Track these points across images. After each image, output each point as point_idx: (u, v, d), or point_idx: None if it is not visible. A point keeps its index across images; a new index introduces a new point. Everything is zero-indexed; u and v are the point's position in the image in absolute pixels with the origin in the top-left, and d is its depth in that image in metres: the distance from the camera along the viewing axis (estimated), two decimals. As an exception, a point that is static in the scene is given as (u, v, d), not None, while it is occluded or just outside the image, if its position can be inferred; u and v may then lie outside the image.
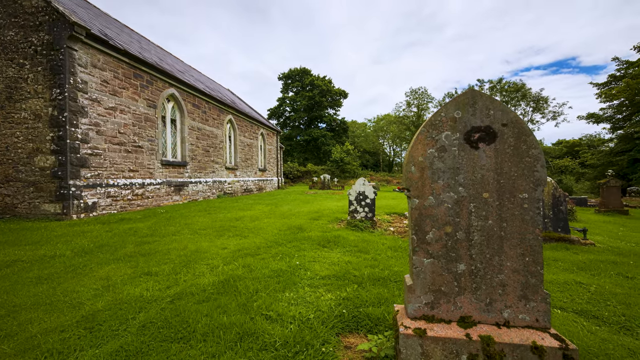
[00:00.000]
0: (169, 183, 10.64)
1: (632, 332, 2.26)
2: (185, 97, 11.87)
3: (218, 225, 6.30)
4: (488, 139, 1.59)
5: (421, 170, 1.66)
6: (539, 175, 1.55)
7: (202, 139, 12.97)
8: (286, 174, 31.10)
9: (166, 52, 15.61)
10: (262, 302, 2.55)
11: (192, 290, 2.85)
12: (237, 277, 3.19)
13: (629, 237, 5.88)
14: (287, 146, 41.19)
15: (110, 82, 8.44)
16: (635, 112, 19.81)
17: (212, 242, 4.89)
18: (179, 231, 5.77)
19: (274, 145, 22.51)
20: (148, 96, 9.88)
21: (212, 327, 2.15)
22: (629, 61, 20.49)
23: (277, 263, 3.70)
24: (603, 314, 2.53)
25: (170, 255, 4.11)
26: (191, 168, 12.13)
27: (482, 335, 1.52)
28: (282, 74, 45.07)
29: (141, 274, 3.34)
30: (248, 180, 17.42)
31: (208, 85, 16.23)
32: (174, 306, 2.51)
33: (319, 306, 2.50)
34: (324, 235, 5.14)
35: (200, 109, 12.97)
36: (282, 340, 1.98)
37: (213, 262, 3.77)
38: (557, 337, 1.50)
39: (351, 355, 1.88)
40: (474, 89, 1.61)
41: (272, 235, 5.30)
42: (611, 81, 21.69)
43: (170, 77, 10.78)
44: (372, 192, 6.36)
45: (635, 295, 2.90)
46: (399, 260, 3.88)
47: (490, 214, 1.59)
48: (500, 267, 1.59)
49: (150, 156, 9.89)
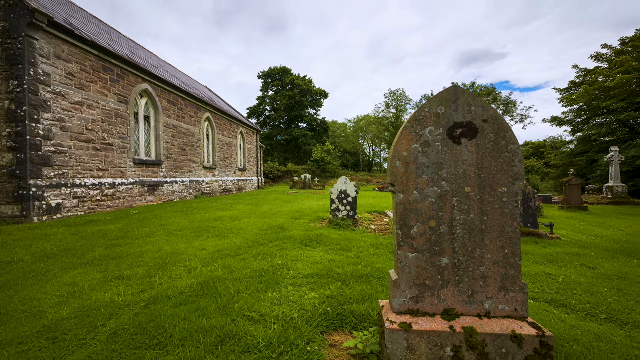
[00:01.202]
0: (142, 183, 10.13)
1: (597, 319, 2.41)
2: (160, 93, 11.36)
3: (196, 226, 6.07)
4: (470, 135, 1.62)
5: (406, 165, 1.67)
6: (517, 170, 1.61)
7: (178, 137, 12.48)
8: (266, 174, 30.69)
9: (139, 46, 14.87)
10: (243, 303, 2.47)
11: (168, 294, 2.71)
12: (217, 278, 3.07)
13: (590, 231, 6.34)
14: (267, 146, 40.68)
15: (77, 75, 7.90)
16: (592, 116, 21.44)
17: (190, 243, 4.70)
18: (153, 233, 5.49)
19: (254, 144, 22.12)
20: (119, 91, 9.35)
21: (190, 331, 2.05)
22: (587, 69, 22.14)
23: (259, 263, 3.61)
24: (571, 302, 2.68)
25: (144, 258, 3.89)
26: (166, 167, 11.63)
27: (465, 327, 1.55)
28: (261, 72, 44.44)
29: (112, 279, 3.13)
30: (227, 180, 16.99)
31: (184, 81, 15.65)
32: (148, 311, 2.37)
33: (303, 305, 2.46)
34: (306, 234, 5.09)
35: (177, 106, 12.47)
36: (265, 341, 1.92)
37: (191, 264, 3.61)
38: (535, 325, 1.56)
39: (337, 353, 1.86)
40: (457, 86, 1.64)
41: (253, 235, 5.18)
42: (571, 87, 23.31)
43: (143, 71, 10.26)
44: (354, 190, 6.40)
45: (597, 284, 3.11)
46: (381, 257, 3.92)
47: (472, 208, 1.63)
48: (481, 259, 1.63)
49: (121, 155, 9.36)
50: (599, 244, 4.94)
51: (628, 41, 19.37)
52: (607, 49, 21.02)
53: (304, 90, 41.94)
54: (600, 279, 3.27)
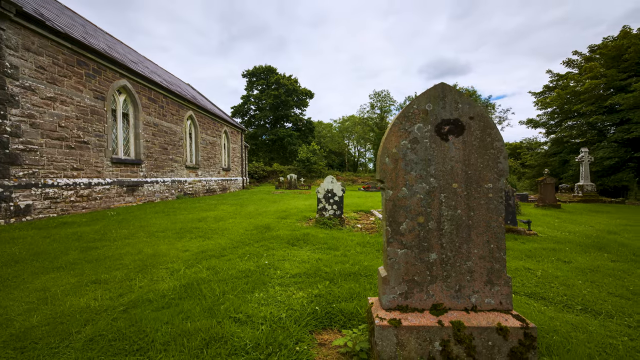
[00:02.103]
0: (120, 183, 9.72)
1: (573, 310, 2.52)
2: (139, 89, 10.94)
3: (178, 227, 5.88)
4: (457, 132, 1.64)
5: (395, 161, 1.67)
6: (502, 167, 1.64)
7: (159, 135, 12.07)
8: (251, 174, 30.27)
9: (116, 40, 14.26)
10: (229, 304, 2.40)
11: (149, 297, 2.59)
12: (201, 280, 2.98)
13: (563, 227, 6.66)
14: (252, 145, 40.15)
15: (49, 68, 7.46)
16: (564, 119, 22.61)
17: (172, 244, 4.54)
18: (133, 234, 5.27)
19: (238, 144, 21.76)
20: (95, 87, 8.92)
21: (173, 334, 1.96)
22: (559, 74, 23.35)
23: (245, 263, 3.54)
24: (549, 295, 2.79)
25: (122, 260, 3.72)
26: (147, 167, 11.21)
27: (453, 321, 1.57)
28: (246, 71, 43.81)
29: (88, 283, 2.97)
30: (211, 180, 16.61)
31: (166, 78, 15.17)
32: (128, 315, 2.26)
33: (291, 305, 2.42)
34: (292, 234, 5.04)
35: (157, 103, 12.05)
36: (253, 342, 1.87)
37: (173, 266, 3.49)
38: (519, 317, 1.60)
39: (326, 352, 1.84)
40: (444, 83, 1.66)
41: (239, 236, 5.07)
42: (545, 91, 24.50)
43: (121, 66, 9.84)
44: (341, 189, 6.41)
45: (572, 277, 3.26)
46: (368, 255, 3.94)
47: (459, 204, 1.66)
48: (468, 254, 1.65)
49: (98, 153, 8.93)
50: (572, 240, 5.19)
51: (596, 48, 20.57)
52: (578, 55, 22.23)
53: (290, 90, 41.72)
54: (574, 272, 3.43)
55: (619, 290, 2.91)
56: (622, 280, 3.21)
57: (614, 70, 18.14)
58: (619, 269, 3.59)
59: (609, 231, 6.21)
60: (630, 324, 2.25)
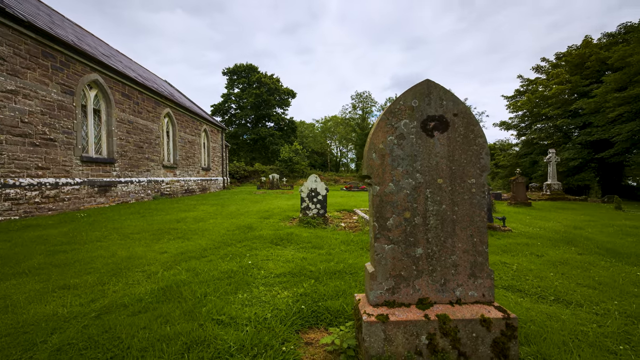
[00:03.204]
0: (91, 183, 9.17)
1: (546, 300, 2.65)
2: (112, 84, 10.39)
3: (155, 228, 5.62)
4: (441, 128, 1.67)
5: (382, 157, 1.67)
6: (484, 162, 1.69)
7: (134, 133, 11.52)
8: (232, 174, 29.63)
9: (86, 32, 13.46)
10: (212, 306, 2.31)
11: (124, 302, 2.45)
12: (180, 282, 2.85)
13: (535, 223, 7.03)
14: (233, 145, 39.32)
15: (9, 59, 6.90)
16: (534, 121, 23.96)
17: (149, 246, 4.34)
18: (105, 236, 4.98)
19: (218, 143, 21.23)
20: (63, 80, 8.37)
21: (151, 340, 1.86)
22: (529, 79, 24.70)
23: (227, 264, 3.44)
24: (524, 287, 2.92)
25: (94, 264, 3.50)
26: (120, 166, 10.66)
27: (439, 315, 1.60)
28: (226, 69, 42.81)
29: (55, 289, 2.76)
30: (189, 180, 16.08)
31: (141, 73, 14.51)
32: (101, 322, 2.11)
33: (276, 305, 2.37)
34: (276, 233, 4.97)
35: (132, 99, 11.50)
36: (237, 344, 1.80)
37: (151, 269, 3.32)
38: (500, 308, 1.65)
39: (313, 351, 1.81)
40: (429, 80, 1.68)
41: (220, 236, 4.93)
42: (516, 95, 25.84)
43: (92, 59, 9.30)
44: (324, 188, 6.40)
45: (545, 270, 3.43)
46: (352, 253, 3.95)
47: (444, 199, 1.68)
48: (452, 248, 1.69)
49: (66, 151, 8.38)
50: (543, 235, 5.48)
51: (562, 56, 21.95)
52: (545, 62, 23.61)
53: (272, 89, 41.25)
54: (546, 265, 3.62)
55: (587, 281, 3.10)
56: (588, 271, 3.43)
57: (577, 76, 19.44)
58: (585, 261, 3.82)
59: (575, 226, 6.63)
60: (597, 312, 2.40)
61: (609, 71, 17.62)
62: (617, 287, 2.94)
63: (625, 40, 17.41)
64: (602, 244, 4.73)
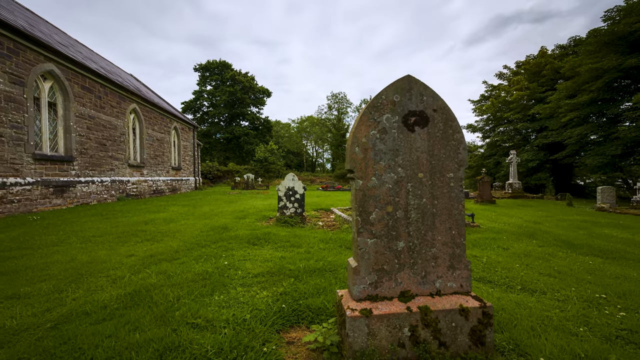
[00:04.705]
0: (46, 183, 8.37)
1: (514, 290, 2.82)
2: (71, 76, 9.56)
3: (120, 231, 5.25)
4: (422, 123, 1.70)
5: (364, 151, 1.67)
6: (461, 157, 1.74)
7: (96, 129, 10.69)
8: (205, 174, 28.56)
9: (41, 19, 12.28)
10: (186, 309, 2.18)
11: (86, 309, 2.24)
12: (150, 286, 2.67)
13: (500, 219, 7.49)
14: (205, 144, 37.91)
15: (-56, 43, 6.10)
16: (497, 125, 25.63)
17: (113, 250, 4.03)
18: (62, 240, 4.56)
19: (190, 141, 20.36)
20: (12, 69, 7.55)
21: (118, 349, 1.71)
22: (493, 85, 26.40)
23: (202, 265, 3.28)
24: (494, 278, 3.08)
25: (50, 270, 3.18)
26: (80, 165, 9.85)
27: (421, 307, 1.62)
28: (198, 64, 41.17)
29: (1, 299, 2.46)
30: (158, 180, 15.25)
31: (104, 66, 13.52)
32: (58, 332, 1.91)
33: (255, 305, 2.29)
34: (253, 233, 4.84)
35: (94, 93, 10.67)
36: (215, 348, 1.71)
37: (116, 273, 3.08)
38: (477, 298, 1.71)
39: (295, 350, 1.76)
40: (410, 75, 1.71)
41: (193, 237, 4.71)
42: (482, 100, 27.51)
43: (46, 48, 8.49)
44: (302, 187, 6.35)
45: (511, 262, 3.65)
46: (331, 251, 3.94)
47: (425, 193, 1.72)
48: (433, 241, 1.72)
49: (15, 148, 7.58)
50: (508, 230, 5.85)
51: (521, 64, 23.67)
52: (507, 69, 25.33)
53: (246, 87, 40.33)
54: (512, 258, 3.85)
55: (548, 270, 3.34)
56: (549, 262, 3.70)
57: (535, 84, 21.07)
58: (545, 252, 4.12)
59: (535, 222, 7.15)
60: (559, 298, 2.58)
61: (561, 79, 19.30)
62: (573, 275, 3.19)
63: (574, 52, 19.16)
64: (559, 237, 5.15)
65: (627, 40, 13.29)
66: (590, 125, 15.72)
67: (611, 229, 6.45)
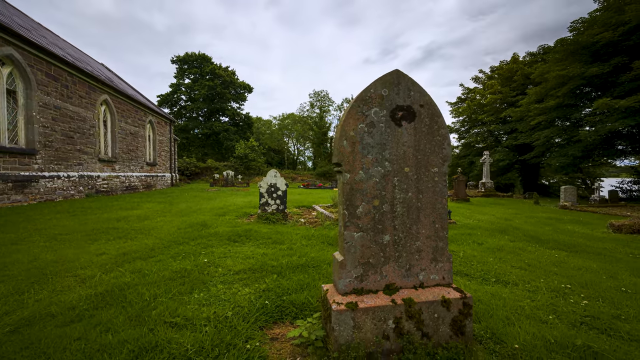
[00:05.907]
0: (4, 177, 7.71)
1: (489, 282, 2.94)
2: (33, 62, 8.84)
3: (90, 228, 4.94)
4: (409, 118, 1.72)
5: (352, 144, 1.66)
6: (446, 152, 1.78)
7: (62, 121, 9.98)
8: (182, 171, 27.55)
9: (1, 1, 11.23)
10: (163, 308, 2.08)
11: (51, 311, 2.08)
12: (124, 285, 2.53)
13: (474, 216, 7.82)
14: (182, 139, 36.53)
15: None
16: (472, 126, 26.74)
17: (82, 248, 3.78)
18: (23, 239, 4.21)
19: (166, 136, 19.55)
20: (-38, 52, 6.86)
21: (88, 352, 1.60)
22: (469, 88, 27.50)
23: (180, 263, 3.15)
24: (470, 271, 3.21)
25: (8, 270, 2.93)
26: (44, 158, 9.16)
27: (405, 299, 1.65)
28: (176, 56, 39.53)
29: (-48, 302, 2.23)
30: (132, 175, 14.52)
31: (71, 53, 12.62)
32: (19, 336, 1.76)
33: (237, 302, 2.23)
34: (233, 230, 4.73)
35: (60, 82, 9.94)
36: (196, 346, 1.64)
37: (85, 272, 2.89)
38: (458, 289, 1.76)
39: (279, 346, 1.73)
40: (399, 70, 1.72)
41: (170, 235, 4.52)
42: (458, 102, 28.57)
43: (4, 30, 7.79)
44: (284, 184, 6.28)
45: (486, 256, 3.82)
46: (314, 247, 3.93)
47: (410, 187, 1.74)
48: (417, 234, 1.75)
49: (-33, 138, 6.90)
50: (481, 226, 6.12)
51: (495, 69, 24.81)
52: (482, 73, 26.46)
53: (227, 82, 39.27)
54: (487, 252, 4.03)
55: (519, 264, 3.52)
56: (519, 255, 3.90)
57: (507, 88, 22.16)
58: (516, 247, 4.35)
59: (506, 218, 7.54)
60: (530, 289, 2.73)
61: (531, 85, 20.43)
62: (542, 267, 3.39)
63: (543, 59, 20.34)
64: (528, 232, 5.45)
65: (590, 50, 14.28)
66: (555, 129, 16.78)
67: (573, 225, 6.94)
